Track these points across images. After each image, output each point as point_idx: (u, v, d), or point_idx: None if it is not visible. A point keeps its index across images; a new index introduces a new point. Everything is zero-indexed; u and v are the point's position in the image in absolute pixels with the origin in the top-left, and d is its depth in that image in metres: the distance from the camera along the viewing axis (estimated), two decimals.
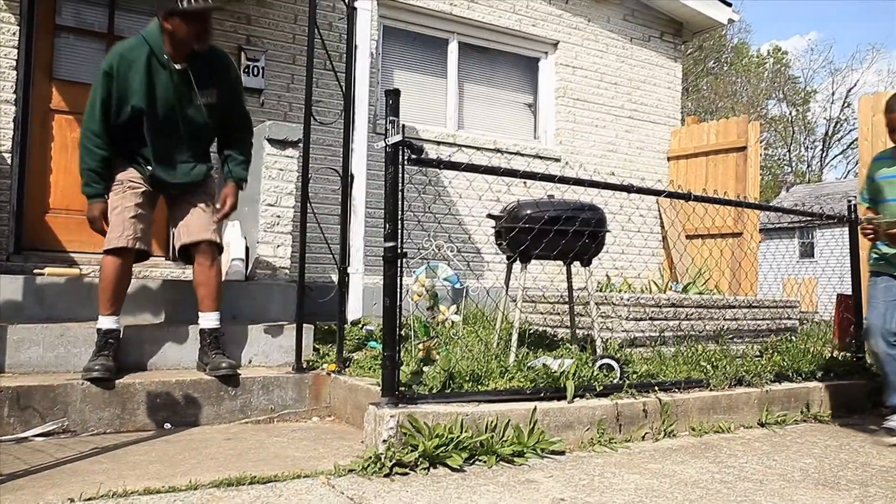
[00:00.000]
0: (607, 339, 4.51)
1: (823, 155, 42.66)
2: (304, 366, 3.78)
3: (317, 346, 4.16)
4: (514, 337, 3.67)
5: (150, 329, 3.69)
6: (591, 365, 3.55)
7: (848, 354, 4.77)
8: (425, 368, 3.18)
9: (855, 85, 41.77)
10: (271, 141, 4.66)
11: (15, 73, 5.02)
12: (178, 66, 3.43)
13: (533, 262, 3.84)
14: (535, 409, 2.99)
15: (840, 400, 4.24)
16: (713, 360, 4.07)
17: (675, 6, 8.21)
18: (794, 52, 54.11)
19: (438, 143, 6.85)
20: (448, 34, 7.23)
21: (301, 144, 4.02)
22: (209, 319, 3.56)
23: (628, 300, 4.78)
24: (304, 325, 3.87)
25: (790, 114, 41.99)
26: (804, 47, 71.00)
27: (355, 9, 4.08)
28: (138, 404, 3.23)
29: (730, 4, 8.63)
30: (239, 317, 4.17)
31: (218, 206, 3.69)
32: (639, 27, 8.34)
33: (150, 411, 3.25)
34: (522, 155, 7.25)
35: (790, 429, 3.77)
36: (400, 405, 2.80)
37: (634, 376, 3.59)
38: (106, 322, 3.36)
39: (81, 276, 4.29)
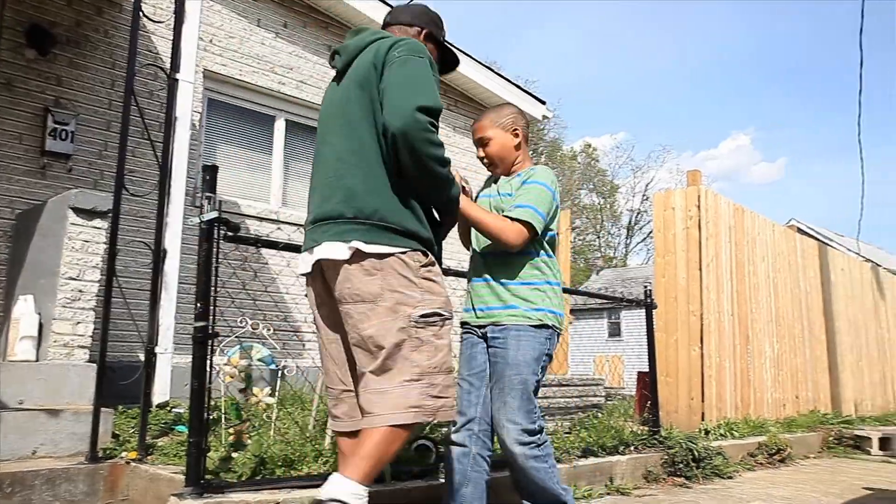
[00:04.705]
0: None
1: (628, 242, 46.81)
2: (101, 454, 3.45)
3: (117, 432, 3.84)
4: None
5: None
6: (408, 446, 3.55)
7: (645, 428, 5.13)
8: (235, 454, 3.03)
9: (652, 181, 46.54)
10: (77, 210, 4.35)
11: None
12: None
13: None
14: None
15: (640, 472, 4.54)
16: None
17: (495, 100, 8.79)
18: (603, 148, 59.63)
19: (261, 219, 6.74)
20: (276, 111, 7.24)
21: (111, 215, 3.79)
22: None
23: None
24: (104, 409, 3.56)
25: (599, 203, 45.88)
26: (612, 145, 78.49)
27: (177, 80, 3.99)
28: None
29: (544, 102, 9.41)
30: (27, 401, 3.76)
31: None
32: (461, 116, 8.83)
33: None
34: None
35: (594, 503, 3.97)
36: (205, 495, 2.64)
37: None
38: (362, 491, 2.11)
39: None
